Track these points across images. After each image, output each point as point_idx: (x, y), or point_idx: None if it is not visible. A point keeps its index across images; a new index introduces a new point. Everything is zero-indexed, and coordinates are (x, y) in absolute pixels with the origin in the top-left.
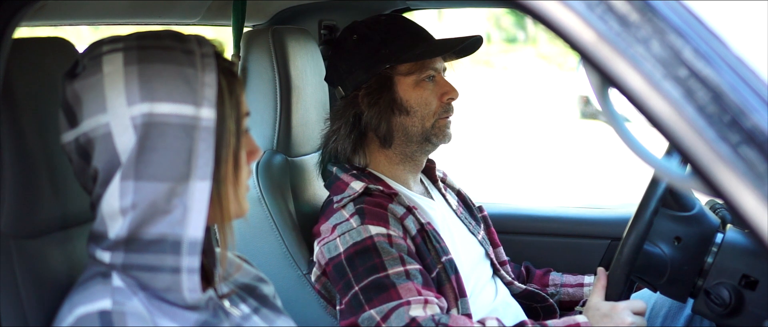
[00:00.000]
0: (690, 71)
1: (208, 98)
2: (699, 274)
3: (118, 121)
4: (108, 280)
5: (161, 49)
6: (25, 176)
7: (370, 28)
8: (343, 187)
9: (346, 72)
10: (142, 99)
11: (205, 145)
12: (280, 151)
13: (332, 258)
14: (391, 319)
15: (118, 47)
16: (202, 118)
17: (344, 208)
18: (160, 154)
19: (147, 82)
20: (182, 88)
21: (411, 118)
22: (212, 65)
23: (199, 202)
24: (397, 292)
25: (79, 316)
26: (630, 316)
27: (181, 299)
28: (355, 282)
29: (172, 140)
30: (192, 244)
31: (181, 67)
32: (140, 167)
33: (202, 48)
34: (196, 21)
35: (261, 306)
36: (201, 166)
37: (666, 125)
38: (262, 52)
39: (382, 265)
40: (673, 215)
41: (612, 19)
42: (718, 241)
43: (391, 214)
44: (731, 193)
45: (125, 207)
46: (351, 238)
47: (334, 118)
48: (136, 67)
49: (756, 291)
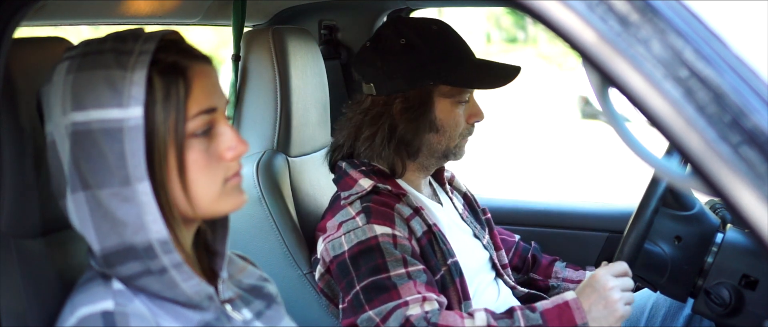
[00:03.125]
0: (690, 71)
1: (135, 97)
2: (699, 274)
3: (57, 130)
4: (108, 283)
5: (97, 54)
6: (25, 176)
7: (421, 37)
8: (351, 184)
9: (386, 74)
10: (72, 108)
11: (135, 145)
12: (281, 151)
13: (337, 256)
14: (390, 320)
15: (70, 55)
16: (130, 118)
17: (351, 205)
18: (96, 161)
19: (77, 91)
20: (107, 93)
21: (439, 137)
22: (144, 62)
23: (147, 205)
24: (398, 292)
25: (82, 316)
26: (611, 280)
27: (183, 294)
28: (357, 281)
29: (102, 146)
30: (162, 243)
31: (108, 71)
32: (82, 177)
33: (143, 45)
34: (196, 21)
35: (265, 310)
36: (134, 166)
37: (666, 125)
38: (262, 52)
39: (384, 266)
40: (673, 215)
41: (612, 19)
42: (719, 240)
43: (398, 214)
44: (731, 193)
45: (83, 219)
46: (356, 236)
47: (365, 122)
48: (72, 76)
49: (756, 291)
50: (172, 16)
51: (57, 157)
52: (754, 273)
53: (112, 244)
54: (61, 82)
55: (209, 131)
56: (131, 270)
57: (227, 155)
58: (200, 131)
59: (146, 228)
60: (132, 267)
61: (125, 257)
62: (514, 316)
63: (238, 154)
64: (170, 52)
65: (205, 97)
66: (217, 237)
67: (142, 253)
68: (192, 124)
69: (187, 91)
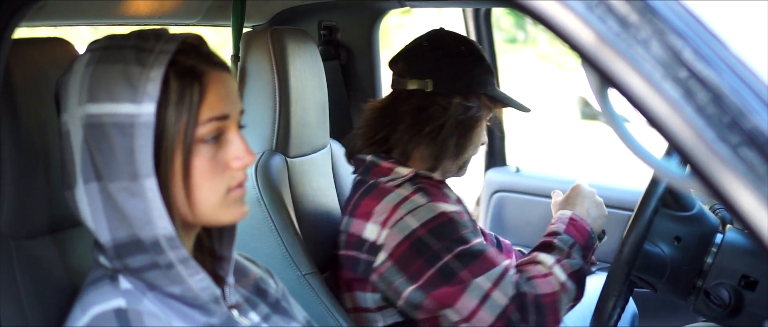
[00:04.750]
0: (690, 72)
1: (149, 94)
2: (698, 275)
3: (72, 120)
4: (116, 282)
5: (118, 49)
6: (25, 176)
7: (471, 50)
8: (386, 171)
9: (451, 75)
10: (88, 100)
11: (143, 141)
12: (279, 152)
13: (408, 235)
14: (501, 284)
15: (92, 48)
16: (142, 114)
17: (401, 187)
18: (106, 154)
19: (94, 83)
20: (123, 88)
21: (466, 148)
22: (163, 61)
23: (153, 201)
24: (492, 259)
25: (95, 315)
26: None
27: (189, 289)
28: (444, 252)
29: (112, 140)
30: (168, 239)
31: (127, 66)
32: (96, 168)
33: (164, 45)
34: (196, 21)
35: (272, 312)
36: (142, 162)
37: (665, 126)
38: (261, 53)
39: (465, 237)
40: (672, 215)
41: (611, 19)
42: (718, 241)
43: (449, 196)
44: (731, 194)
45: (96, 210)
46: (424, 213)
47: (412, 115)
48: (92, 68)
49: (755, 291)
50: (172, 16)
51: (70, 148)
52: (753, 273)
53: (122, 235)
54: (79, 73)
55: (218, 138)
56: (140, 262)
57: (234, 164)
58: (209, 137)
59: (153, 223)
60: (141, 259)
61: (135, 249)
62: (555, 245)
63: (245, 165)
64: (190, 56)
65: (218, 104)
66: (224, 242)
67: (149, 247)
68: (202, 129)
69: (201, 97)
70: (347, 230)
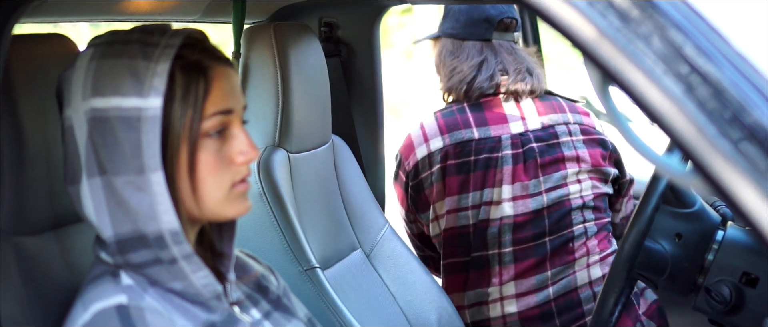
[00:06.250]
0: (691, 67)
1: (156, 88)
2: (699, 272)
3: (76, 115)
4: (117, 279)
5: (122, 44)
6: (25, 173)
7: None
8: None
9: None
10: (92, 94)
11: (151, 135)
12: (282, 147)
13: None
14: None
15: (95, 43)
16: (149, 108)
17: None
18: (112, 149)
19: (99, 77)
20: (129, 82)
21: None
22: (169, 55)
23: (159, 195)
24: None
25: (96, 312)
26: None
27: (191, 286)
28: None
29: (119, 134)
30: (173, 234)
31: (132, 60)
32: (99, 162)
33: (169, 40)
34: (196, 18)
35: (273, 310)
36: (150, 156)
37: (666, 121)
38: (263, 48)
39: None
40: (673, 212)
41: (612, 14)
42: (719, 238)
43: None
44: (732, 190)
45: (99, 205)
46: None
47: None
48: (96, 62)
49: (757, 288)
50: (172, 13)
51: (74, 142)
52: (754, 270)
53: (125, 230)
54: (83, 68)
55: (223, 132)
56: (143, 258)
57: (238, 159)
58: (214, 131)
59: (158, 218)
60: (143, 255)
61: (138, 245)
62: None
63: (249, 159)
64: (195, 50)
65: (223, 99)
66: (224, 239)
67: (152, 243)
68: (207, 123)
69: (206, 91)
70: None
